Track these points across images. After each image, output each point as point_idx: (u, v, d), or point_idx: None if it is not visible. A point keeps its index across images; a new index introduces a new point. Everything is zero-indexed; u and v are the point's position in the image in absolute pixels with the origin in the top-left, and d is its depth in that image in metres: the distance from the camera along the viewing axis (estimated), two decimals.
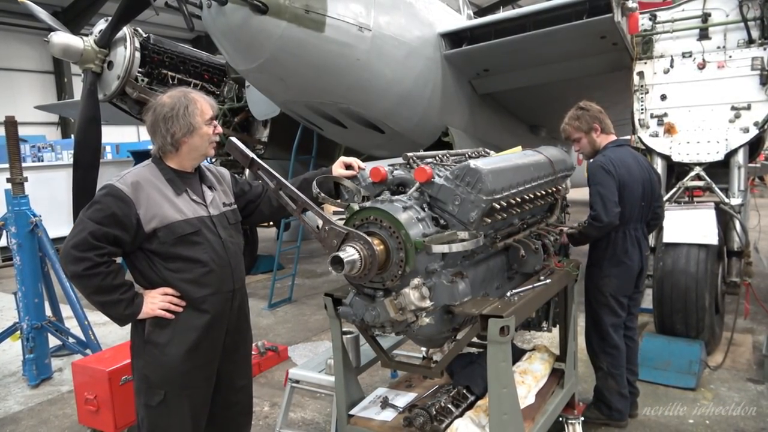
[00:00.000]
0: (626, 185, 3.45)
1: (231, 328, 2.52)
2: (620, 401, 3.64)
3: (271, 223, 9.30)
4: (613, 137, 3.67)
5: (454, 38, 5.69)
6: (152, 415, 2.39)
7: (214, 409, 2.56)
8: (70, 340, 5.22)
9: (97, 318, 6.22)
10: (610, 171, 3.42)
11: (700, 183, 4.85)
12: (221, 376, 2.53)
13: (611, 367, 3.61)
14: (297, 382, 3.54)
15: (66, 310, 5.41)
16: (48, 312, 5.19)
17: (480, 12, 18.48)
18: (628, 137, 5.25)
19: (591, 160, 3.59)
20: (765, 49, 4.57)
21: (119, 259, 2.37)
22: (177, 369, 2.33)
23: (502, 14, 5.92)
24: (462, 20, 6.45)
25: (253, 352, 4.95)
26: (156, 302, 2.31)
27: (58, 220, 9.39)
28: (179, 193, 2.39)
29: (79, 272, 2.20)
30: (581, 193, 3.74)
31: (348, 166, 2.67)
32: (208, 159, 2.96)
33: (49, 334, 5.06)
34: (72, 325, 5.34)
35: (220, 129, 2.49)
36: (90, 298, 2.29)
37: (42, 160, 14.11)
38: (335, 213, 2.65)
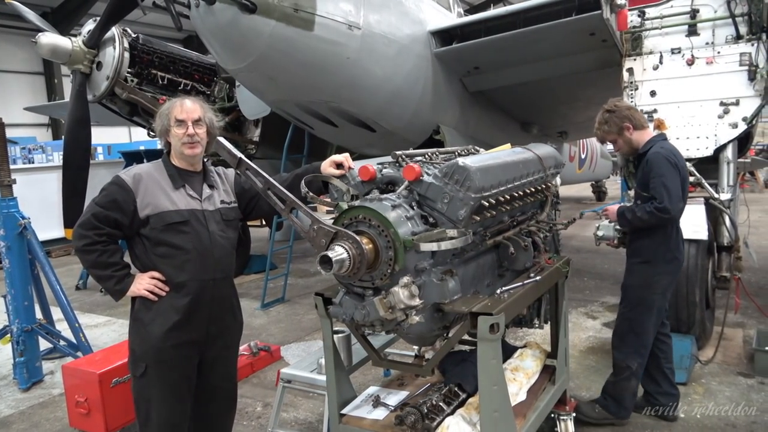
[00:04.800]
0: (684, 180, 3.44)
1: (213, 315, 2.71)
2: (632, 401, 3.63)
3: (264, 222, 9.29)
4: (650, 131, 3.60)
5: (444, 36, 5.69)
6: (137, 385, 2.68)
7: (200, 391, 2.78)
8: (61, 342, 5.20)
9: (87, 320, 6.23)
10: (676, 165, 3.38)
11: (691, 178, 4.86)
12: (205, 361, 2.75)
13: (640, 367, 3.57)
14: (289, 382, 3.54)
15: (57, 313, 5.38)
16: (38, 315, 5.16)
17: (470, 10, 18.51)
18: None
19: (652, 151, 3.45)
20: (753, 45, 4.59)
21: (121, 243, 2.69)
22: (156, 345, 2.58)
23: (492, 12, 5.91)
24: (452, 18, 6.45)
25: (245, 352, 4.95)
26: (143, 283, 2.58)
27: (49, 222, 9.34)
28: (177, 187, 2.65)
29: (80, 247, 2.56)
30: (575, 190, 3.74)
31: (338, 165, 2.67)
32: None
33: (39, 337, 5.03)
34: (63, 327, 5.31)
35: (191, 131, 2.62)
36: (88, 270, 2.74)
37: (32, 162, 14.02)
38: (328, 212, 2.66)
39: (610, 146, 3.77)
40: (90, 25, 6.11)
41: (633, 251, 3.59)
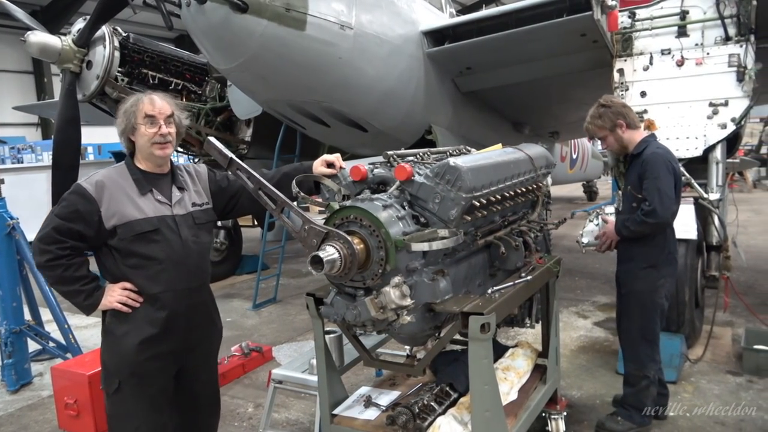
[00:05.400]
0: (678, 181, 3.41)
1: (192, 325, 2.57)
2: (653, 406, 3.55)
3: (255, 222, 9.26)
4: (642, 132, 3.56)
5: (436, 36, 5.69)
6: (110, 402, 2.52)
7: (182, 400, 2.65)
8: (50, 344, 5.16)
9: (77, 321, 6.17)
10: (673, 169, 3.34)
11: None
12: (185, 370, 2.62)
13: (657, 373, 3.52)
14: (280, 382, 3.53)
15: (46, 314, 5.33)
16: (27, 316, 5.12)
17: (463, 10, 18.52)
18: None
19: (650, 152, 3.40)
20: (741, 47, 4.63)
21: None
22: (130, 359, 2.43)
23: (485, 12, 5.92)
24: (444, 18, 6.45)
25: (237, 353, 4.93)
26: (114, 296, 2.42)
27: (38, 223, 9.21)
28: (143, 193, 2.47)
29: (42, 263, 2.39)
30: (566, 190, 3.74)
31: (330, 165, 2.67)
32: (189, 159, 2.99)
33: (28, 339, 4.99)
34: (52, 328, 5.27)
35: (164, 130, 2.46)
36: (54, 287, 2.50)
37: (22, 162, 13.91)
38: (319, 212, 2.64)
39: (598, 144, 3.74)
40: (80, 24, 6.06)
41: (634, 256, 3.50)
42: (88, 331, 6.32)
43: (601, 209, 3.75)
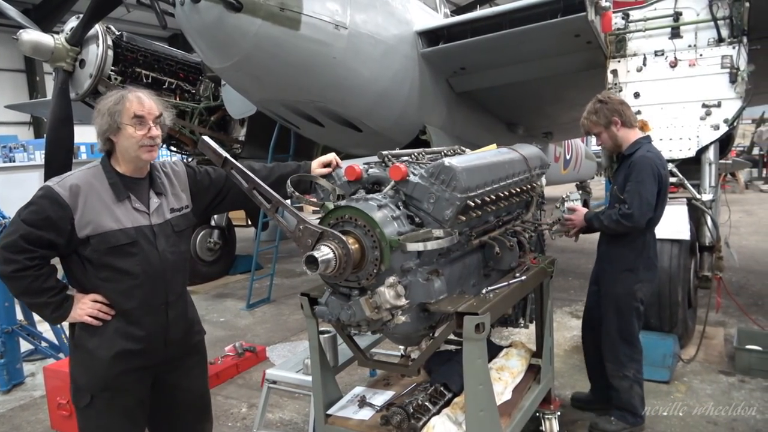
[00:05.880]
0: (665, 185, 3.41)
1: (171, 339, 2.41)
2: (642, 406, 3.58)
3: (249, 222, 9.24)
4: (638, 132, 3.54)
5: (431, 36, 5.70)
6: (81, 417, 2.37)
7: (164, 408, 2.51)
8: (43, 344, 5.13)
9: None
10: (658, 174, 3.33)
11: (673, 179, 4.92)
12: (167, 381, 2.47)
13: (638, 373, 3.53)
14: (274, 382, 3.52)
15: None
16: (19, 316, 5.08)
17: (457, 10, 18.53)
18: None
19: (639, 154, 3.39)
20: (734, 48, 4.66)
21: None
22: (103, 374, 2.27)
23: (479, 12, 5.95)
24: (439, 18, 6.47)
25: (230, 353, 4.92)
26: (85, 308, 2.25)
27: None
28: (120, 200, 2.28)
29: (7, 273, 2.17)
30: (560, 190, 3.75)
31: (326, 165, 2.66)
32: (182, 158, 2.93)
33: (20, 339, 4.95)
34: (44, 328, 5.24)
35: (154, 132, 2.28)
36: (18, 298, 2.30)
37: (14, 161, 13.83)
38: (314, 212, 2.63)
39: (593, 144, 3.74)
40: (73, 23, 6.03)
41: (614, 259, 3.51)
42: None
43: (567, 196, 3.71)
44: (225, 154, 2.20)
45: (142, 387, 2.39)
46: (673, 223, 4.57)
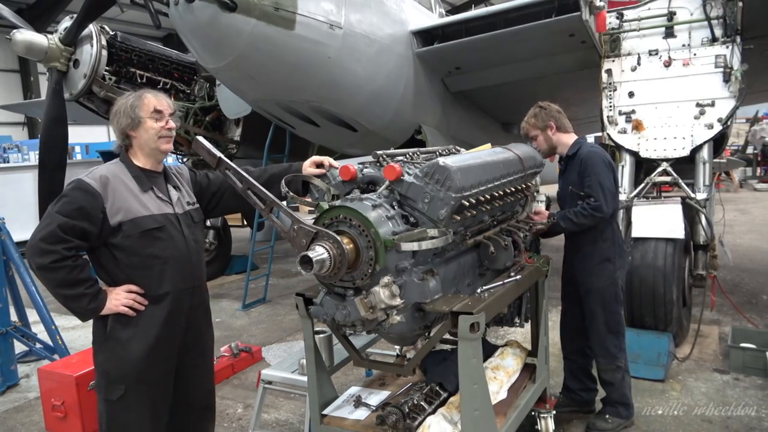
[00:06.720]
0: (615, 175, 3.52)
1: (190, 324, 2.56)
2: (631, 396, 3.62)
3: (245, 222, 9.22)
4: (574, 136, 3.63)
5: (425, 36, 5.71)
6: (111, 410, 2.41)
7: (175, 403, 2.58)
8: (37, 345, 5.11)
9: (64, 322, 6.11)
10: (610, 164, 3.44)
11: (667, 178, 4.95)
12: (180, 371, 2.57)
13: (626, 362, 3.58)
14: (270, 382, 3.52)
15: (32, 315, 5.28)
16: (14, 317, 5.06)
17: (452, 10, 18.57)
18: (600, 134, 5.36)
19: (586, 150, 3.49)
20: (727, 48, 4.68)
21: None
22: (137, 364, 2.37)
23: (474, 12, 5.94)
24: (434, 18, 6.47)
25: (226, 354, 4.91)
26: (120, 299, 2.34)
27: (24, 223, 9.13)
28: (145, 190, 2.44)
29: (45, 264, 2.23)
30: (554, 189, 3.75)
31: (319, 165, 2.66)
32: (177, 159, 2.98)
33: (14, 340, 4.93)
34: (39, 330, 5.22)
35: (172, 124, 2.49)
36: (54, 291, 2.31)
37: (8, 161, 13.78)
38: (309, 212, 2.64)
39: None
40: (66, 22, 6.00)
41: (587, 254, 3.55)
42: (75, 332, 6.27)
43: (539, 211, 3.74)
44: (219, 154, 2.21)
45: (168, 380, 2.50)
46: (668, 222, 4.59)
